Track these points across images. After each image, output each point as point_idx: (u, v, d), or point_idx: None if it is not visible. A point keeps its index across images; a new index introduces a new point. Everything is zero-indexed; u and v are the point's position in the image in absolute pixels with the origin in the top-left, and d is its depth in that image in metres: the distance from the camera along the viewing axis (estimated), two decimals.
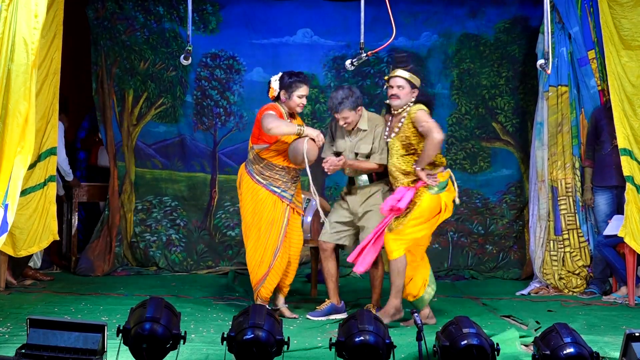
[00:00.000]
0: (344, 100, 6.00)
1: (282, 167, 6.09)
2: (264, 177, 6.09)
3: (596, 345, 4.90)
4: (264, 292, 6.10)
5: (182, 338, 4.17)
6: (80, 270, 8.02)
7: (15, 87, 4.95)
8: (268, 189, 6.07)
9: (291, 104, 6.11)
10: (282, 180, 6.09)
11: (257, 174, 6.11)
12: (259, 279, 6.08)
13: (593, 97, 7.53)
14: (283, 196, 6.09)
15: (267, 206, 6.07)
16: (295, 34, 8.57)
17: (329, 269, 6.26)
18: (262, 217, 6.07)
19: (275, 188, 6.08)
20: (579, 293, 7.37)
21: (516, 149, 8.63)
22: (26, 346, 4.07)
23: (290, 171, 6.11)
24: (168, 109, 8.48)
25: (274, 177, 6.08)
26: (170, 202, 8.51)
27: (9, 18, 4.93)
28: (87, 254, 8.16)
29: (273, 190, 6.07)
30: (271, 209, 6.07)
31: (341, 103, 6.00)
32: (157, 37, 8.43)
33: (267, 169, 6.10)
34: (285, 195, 6.10)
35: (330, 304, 6.29)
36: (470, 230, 8.59)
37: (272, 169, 6.09)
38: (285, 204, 6.09)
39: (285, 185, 6.11)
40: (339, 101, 6.01)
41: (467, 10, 8.58)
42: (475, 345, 4.09)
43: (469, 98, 8.61)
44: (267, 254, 6.06)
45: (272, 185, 6.08)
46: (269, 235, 6.05)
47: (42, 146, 6.58)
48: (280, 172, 6.09)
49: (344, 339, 4.13)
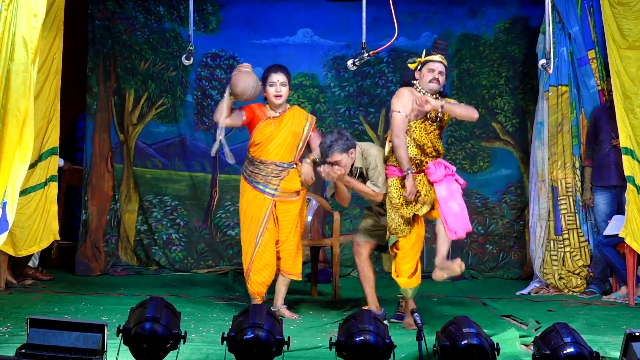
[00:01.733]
0: (333, 143, 5.82)
1: (260, 160, 6.16)
2: (249, 173, 6.20)
3: (596, 345, 4.90)
4: (251, 288, 6.18)
5: (182, 338, 4.17)
6: (80, 272, 8.05)
7: (15, 87, 4.95)
8: (252, 185, 6.18)
9: (268, 97, 6.19)
10: (261, 175, 6.16)
11: (245, 171, 6.25)
12: (245, 271, 6.20)
13: (593, 96, 7.53)
14: (265, 192, 6.15)
15: (250, 200, 6.17)
16: (295, 34, 8.56)
17: (366, 273, 6.02)
18: (246, 213, 6.18)
19: (256, 184, 6.17)
20: (579, 293, 7.37)
21: (516, 148, 8.63)
22: (26, 346, 4.07)
23: (268, 165, 6.15)
24: (168, 109, 8.48)
25: (255, 172, 6.18)
26: (170, 201, 8.51)
27: (8, 17, 4.93)
28: (79, 258, 8.18)
29: (255, 187, 6.17)
30: (253, 205, 6.15)
31: (330, 147, 5.83)
32: (158, 37, 8.43)
33: (250, 164, 6.22)
34: (267, 191, 6.15)
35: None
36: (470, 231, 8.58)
37: (253, 163, 6.20)
38: (269, 199, 6.14)
39: (265, 180, 6.15)
40: (328, 145, 5.83)
41: (467, 10, 8.57)
42: (475, 345, 4.09)
43: (468, 98, 8.59)
44: (249, 250, 6.15)
45: (253, 182, 6.18)
46: (249, 230, 6.14)
47: (43, 146, 6.58)
48: (259, 165, 6.17)
49: (344, 339, 4.13)
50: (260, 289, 6.17)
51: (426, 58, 5.85)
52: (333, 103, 8.59)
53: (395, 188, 5.78)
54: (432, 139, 5.82)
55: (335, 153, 5.83)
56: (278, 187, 6.16)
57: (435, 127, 5.83)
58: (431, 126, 5.80)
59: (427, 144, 5.80)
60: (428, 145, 5.80)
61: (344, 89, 8.59)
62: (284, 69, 6.26)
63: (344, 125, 8.55)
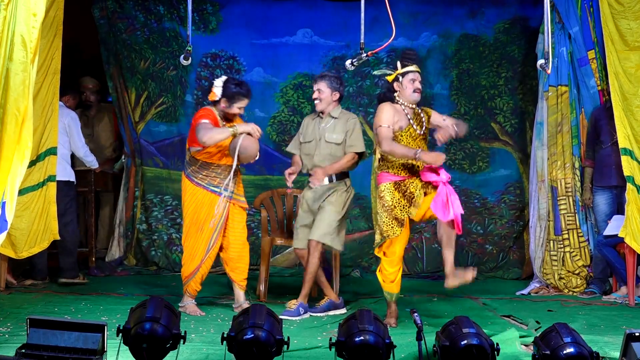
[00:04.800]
0: (326, 75, 6.36)
1: (217, 165, 6.21)
2: (201, 177, 6.21)
3: (596, 345, 4.90)
4: (193, 285, 6.23)
5: (182, 338, 4.17)
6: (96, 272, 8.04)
7: (14, 86, 4.95)
8: (207, 189, 6.20)
9: (229, 113, 6.22)
10: (219, 178, 6.21)
11: (194, 175, 6.23)
12: (189, 274, 6.22)
13: (593, 97, 7.53)
14: (221, 194, 6.19)
15: (205, 204, 6.19)
16: (295, 34, 8.57)
17: (314, 269, 6.32)
18: (199, 215, 6.18)
19: (214, 187, 6.20)
20: (579, 293, 7.38)
21: (515, 149, 8.63)
22: (26, 346, 4.07)
23: (226, 168, 6.20)
24: (168, 109, 8.49)
25: (211, 176, 6.21)
26: (170, 201, 8.51)
27: (8, 17, 4.92)
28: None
29: (212, 190, 6.19)
30: (208, 205, 6.18)
31: (322, 76, 6.36)
32: (158, 37, 8.43)
33: (202, 168, 6.22)
34: (224, 193, 6.20)
35: (328, 300, 6.36)
36: (470, 230, 8.59)
37: (208, 168, 6.22)
38: (225, 200, 6.19)
39: (224, 182, 6.19)
40: (321, 74, 6.39)
41: (466, 11, 8.57)
42: (475, 345, 4.09)
43: (468, 98, 8.61)
44: (200, 249, 6.19)
45: (211, 185, 6.20)
46: (204, 229, 6.17)
47: (41, 146, 6.57)
48: (215, 169, 6.21)
49: (344, 339, 4.13)
50: (199, 288, 6.31)
51: (405, 69, 6.01)
52: None
53: (388, 192, 5.94)
54: (419, 143, 5.99)
55: (322, 82, 6.34)
56: (234, 189, 6.24)
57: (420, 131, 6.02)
58: (415, 132, 5.98)
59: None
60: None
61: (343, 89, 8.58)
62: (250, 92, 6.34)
63: None
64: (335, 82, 6.36)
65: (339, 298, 6.49)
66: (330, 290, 6.48)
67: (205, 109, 6.28)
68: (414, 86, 5.98)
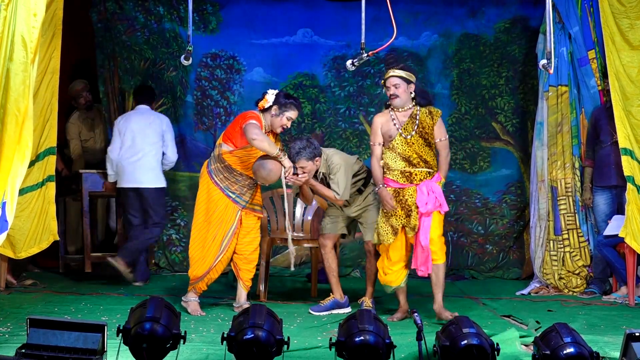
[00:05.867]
0: (301, 150, 6.16)
1: (240, 173, 6.21)
2: (221, 179, 6.20)
3: (596, 345, 4.90)
4: (200, 285, 6.26)
5: (182, 338, 4.17)
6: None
7: (14, 86, 4.95)
8: (223, 192, 6.20)
9: (277, 122, 6.23)
10: (238, 185, 6.21)
11: (216, 175, 6.22)
12: (198, 276, 6.23)
13: (593, 97, 7.52)
14: (236, 201, 6.20)
15: (219, 207, 6.20)
16: (295, 34, 8.56)
17: (330, 263, 6.46)
18: (212, 216, 6.19)
19: (230, 193, 6.21)
20: (579, 293, 7.37)
21: (516, 148, 8.62)
22: (26, 346, 4.07)
23: (248, 178, 6.21)
24: (168, 109, 8.47)
25: (231, 181, 6.21)
26: (170, 202, 8.50)
27: (8, 17, 4.93)
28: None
29: (228, 195, 6.20)
30: (222, 209, 6.20)
31: (298, 153, 6.16)
32: (158, 37, 8.42)
33: (225, 170, 6.20)
34: (239, 201, 6.21)
35: (333, 299, 6.39)
36: (470, 230, 8.58)
37: (231, 172, 6.20)
38: (238, 208, 6.20)
39: (241, 191, 6.22)
40: (296, 151, 6.17)
41: (467, 10, 8.57)
42: (475, 345, 4.09)
43: (468, 98, 8.60)
44: (210, 254, 6.20)
45: (227, 190, 6.21)
46: (216, 235, 6.18)
47: (40, 146, 6.56)
48: (237, 177, 6.21)
49: (344, 339, 4.13)
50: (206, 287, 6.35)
51: (384, 79, 6.15)
52: (333, 103, 8.59)
53: (389, 198, 6.04)
54: (417, 149, 6.03)
55: (302, 159, 6.16)
56: (249, 199, 6.26)
57: (417, 137, 6.03)
58: (412, 138, 6.00)
59: (412, 156, 6.04)
60: (414, 157, 6.04)
61: (344, 89, 8.59)
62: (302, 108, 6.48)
63: (344, 125, 8.56)
64: (310, 150, 6.17)
65: (344, 297, 6.51)
66: (338, 289, 6.49)
67: (254, 112, 6.25)
68: (389, 92, 6.07)
